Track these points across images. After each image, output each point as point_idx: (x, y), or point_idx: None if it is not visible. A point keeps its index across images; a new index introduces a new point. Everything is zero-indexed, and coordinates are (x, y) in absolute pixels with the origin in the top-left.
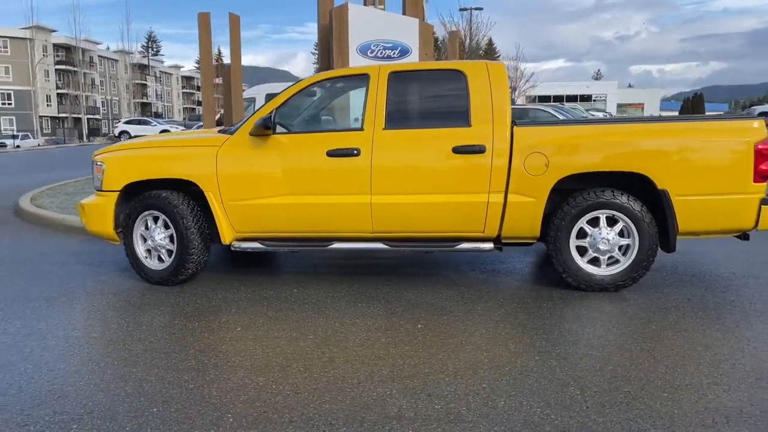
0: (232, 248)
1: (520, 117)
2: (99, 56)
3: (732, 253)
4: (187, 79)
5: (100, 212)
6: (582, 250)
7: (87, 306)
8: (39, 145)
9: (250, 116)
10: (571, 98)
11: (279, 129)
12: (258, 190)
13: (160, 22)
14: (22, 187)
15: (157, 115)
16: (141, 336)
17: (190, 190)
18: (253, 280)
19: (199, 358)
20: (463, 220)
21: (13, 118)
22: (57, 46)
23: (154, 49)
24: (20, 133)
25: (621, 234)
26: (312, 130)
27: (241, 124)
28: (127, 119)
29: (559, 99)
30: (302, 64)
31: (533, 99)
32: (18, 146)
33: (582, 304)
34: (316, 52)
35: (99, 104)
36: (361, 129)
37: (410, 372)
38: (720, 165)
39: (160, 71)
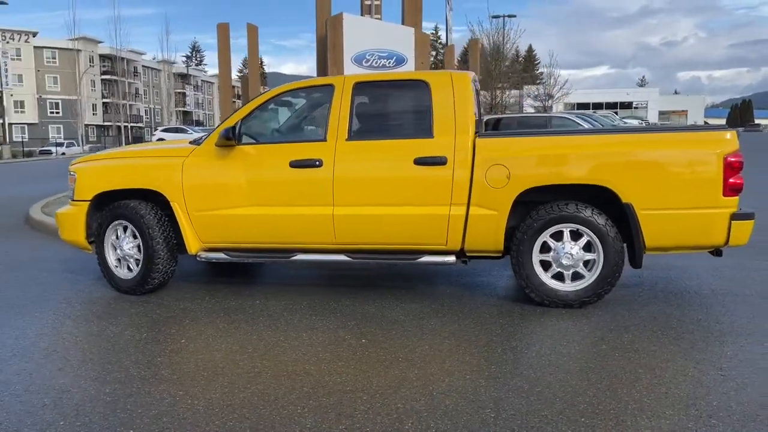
0: (198, 258)
1: (543, 126)
2: (143, 66)
3: (718, 269)
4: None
5: (72, 221)
6: (546, 265)
7: (49, 315)
8: (83, 152)
9: (217, 126)
10: (611, 105)
11: (246, 140)
12: (222, 201)
13: (206, 33)
14: (45, 194)
15: (198, 123)
16: (85, 347)
17: (159, 201)
18: (220, 290)
19: (129, 371)
20: (425, 233)
21: (61, 126)
22: (102, 57)
23: (198, 59)
24: (65, 141)
25: (586, 249)
26: (277, 140)
27: (208, 135)
28: (165, 127)
29: (598, 106)
30: None
31: (572, 106)
32: (63, 153)
33: (539, 321)
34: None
35: (142, 113)
36: (325, 140)
37: (331, 389)
38: (688, 178)
39: (201, 80)
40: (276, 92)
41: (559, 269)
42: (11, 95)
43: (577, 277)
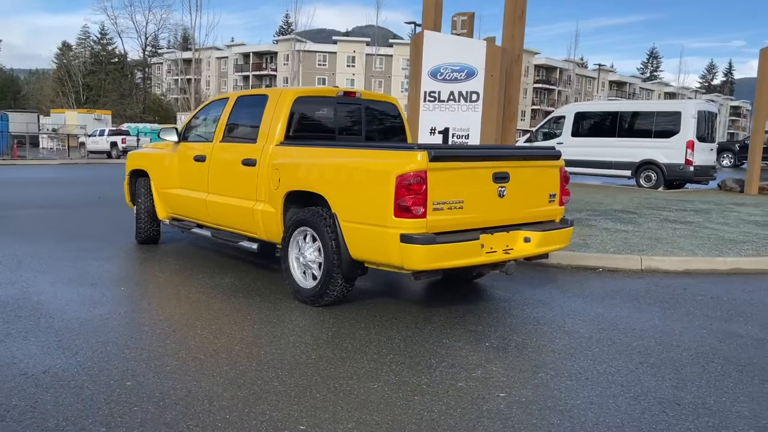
0: (164, 223)
1: None
2: (577, 74)
3: (601, 319)
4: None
5: (126, 187)
6: (299, 262)
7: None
8: None
9: None
10: None
11: (193, 138)
12: (168, 182)
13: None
14: None
15: None
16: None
17: None
18: (188, 252)
19: None
20: (244, 222)
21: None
22: (537, 67)
23: (654, 65)
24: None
25: (320, 252)
26: (196, 140)
27: None
28: None
29: None
30: None
31: None
32: None
33: (294, 313)
34: None
35: None
36: (211, 141)
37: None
38: (367, 195)
39: (640, 87)
40: (204, 104)
41: (304, 268)
42: None
43: (315, 278)
